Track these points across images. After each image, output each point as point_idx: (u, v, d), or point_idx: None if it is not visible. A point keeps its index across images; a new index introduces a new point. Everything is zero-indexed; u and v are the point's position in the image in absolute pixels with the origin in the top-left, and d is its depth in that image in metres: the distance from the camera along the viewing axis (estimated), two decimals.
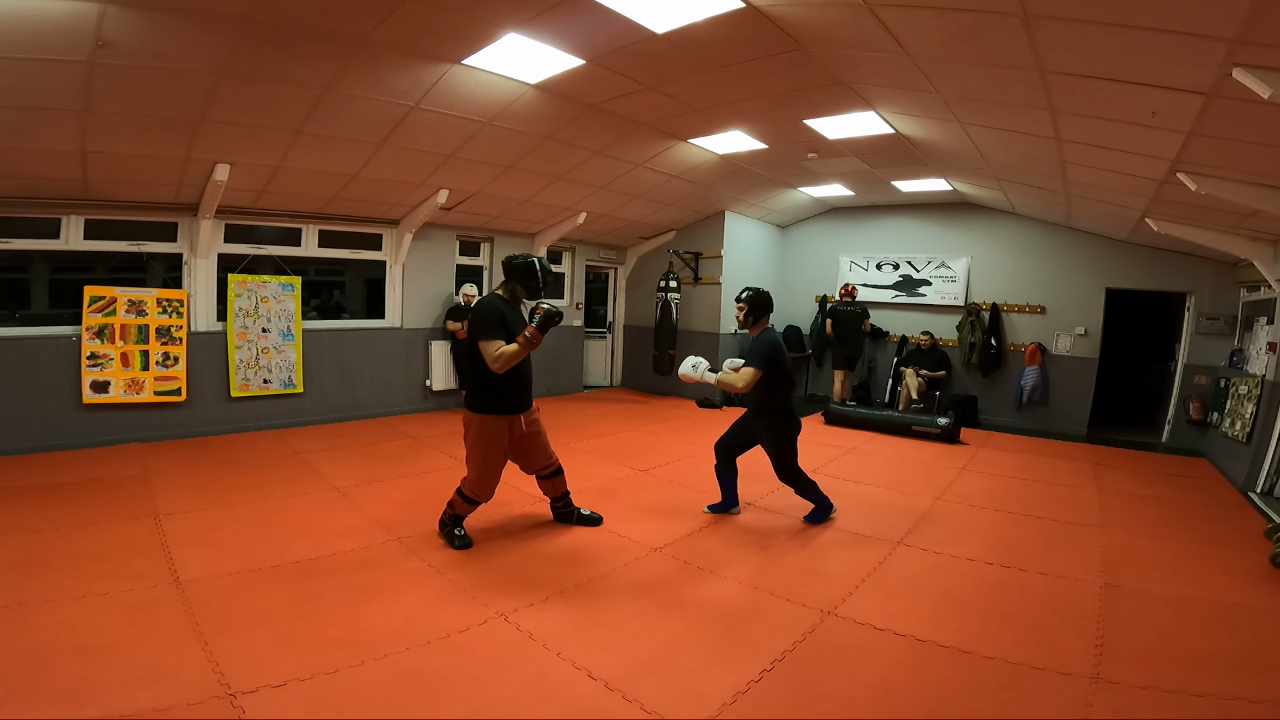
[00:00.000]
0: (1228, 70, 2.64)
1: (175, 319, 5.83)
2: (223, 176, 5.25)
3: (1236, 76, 2.63)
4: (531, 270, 3.61)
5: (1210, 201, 4.48)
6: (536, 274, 3.62)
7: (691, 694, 2.39)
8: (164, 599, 2.92)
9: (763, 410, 4.11)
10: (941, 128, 5.23)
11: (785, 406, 4.08)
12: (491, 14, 3.71)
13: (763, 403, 4.09)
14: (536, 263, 3.63)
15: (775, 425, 4.10)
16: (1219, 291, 7.28)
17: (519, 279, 3.62)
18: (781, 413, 4.08)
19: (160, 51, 3.71)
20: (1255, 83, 2.57)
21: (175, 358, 5.84)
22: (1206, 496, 5.35)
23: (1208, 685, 2.52)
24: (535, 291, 3.65)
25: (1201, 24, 2.43)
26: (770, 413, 4.09)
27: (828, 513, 4.37)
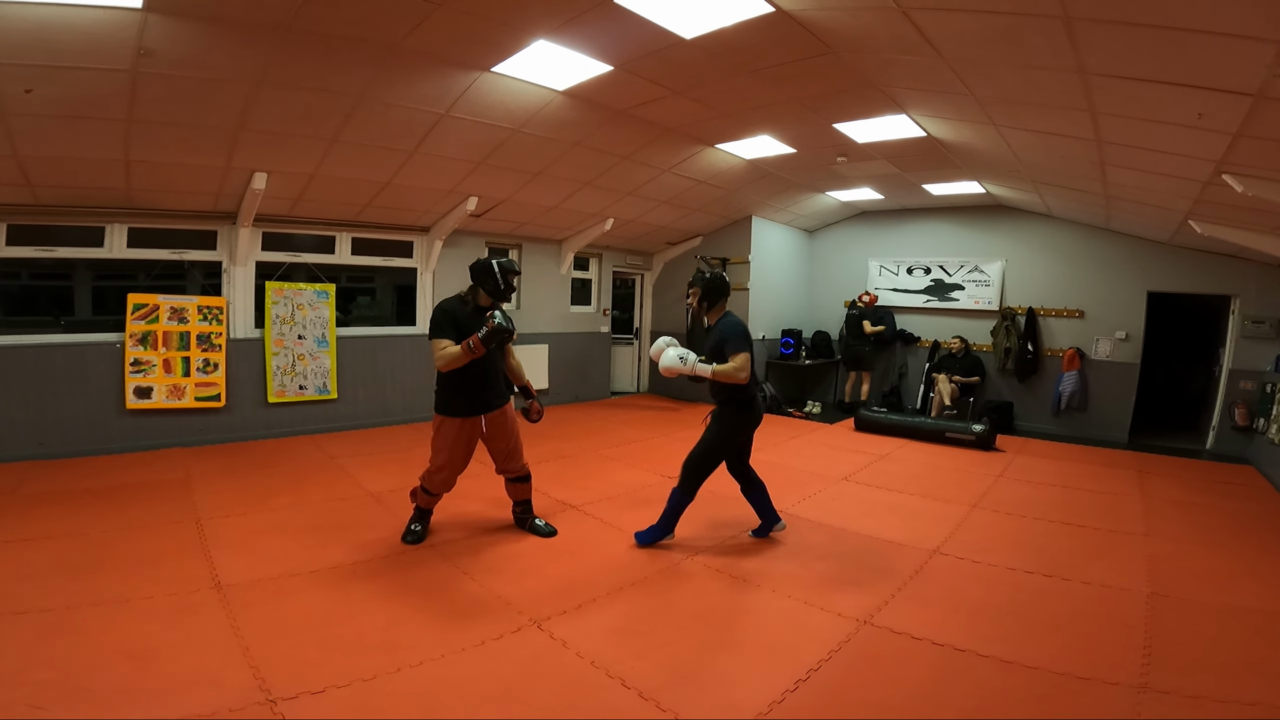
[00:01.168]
0: (1277, 71, 2.57)
1: (215, 326, 5.97)
2: (260, 185, 5.37)
3: None
4: (489, 272, 3.62)
5: (1257, 203, 4.34)
6: (494, 275, 3.61)
7: (726, 703, 2.37)
8: (206, 603, 2.97)
9: (724, 397, 3.74)
10: (975, 130, 5.15)
11: (748, 394, 3.72)
12: (521, 21, 3.74)
13: (721, 390, 3.72)
14: (494, 264, 3.63)
15: (728, 412, 3.72)
16: (1265, 294, 7.04)
17: (477, 280, 3.66)
18: (743, 400, 3.71)
19: (200, 61, 3.80)
20: None
21: (215, 364, 5.98)
22: (1254, 504, 5.18)
23: (1260, 694, 2.45)
24: (496, 293, 3.65)
25: (1249, 26, 2.37)
26: (730, 399, 3.72)
27: (660, 537, 3.87)
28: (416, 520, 3.90)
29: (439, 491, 3.82)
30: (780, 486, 5.24)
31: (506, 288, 3.67)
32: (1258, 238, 5.50)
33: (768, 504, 4.07)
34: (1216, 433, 7.46)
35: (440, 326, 3.53)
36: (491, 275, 3.63)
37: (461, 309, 3.62)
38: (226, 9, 3.44)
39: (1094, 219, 7.64)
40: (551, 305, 8.96)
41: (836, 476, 5.63)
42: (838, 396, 9.91)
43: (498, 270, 3.63)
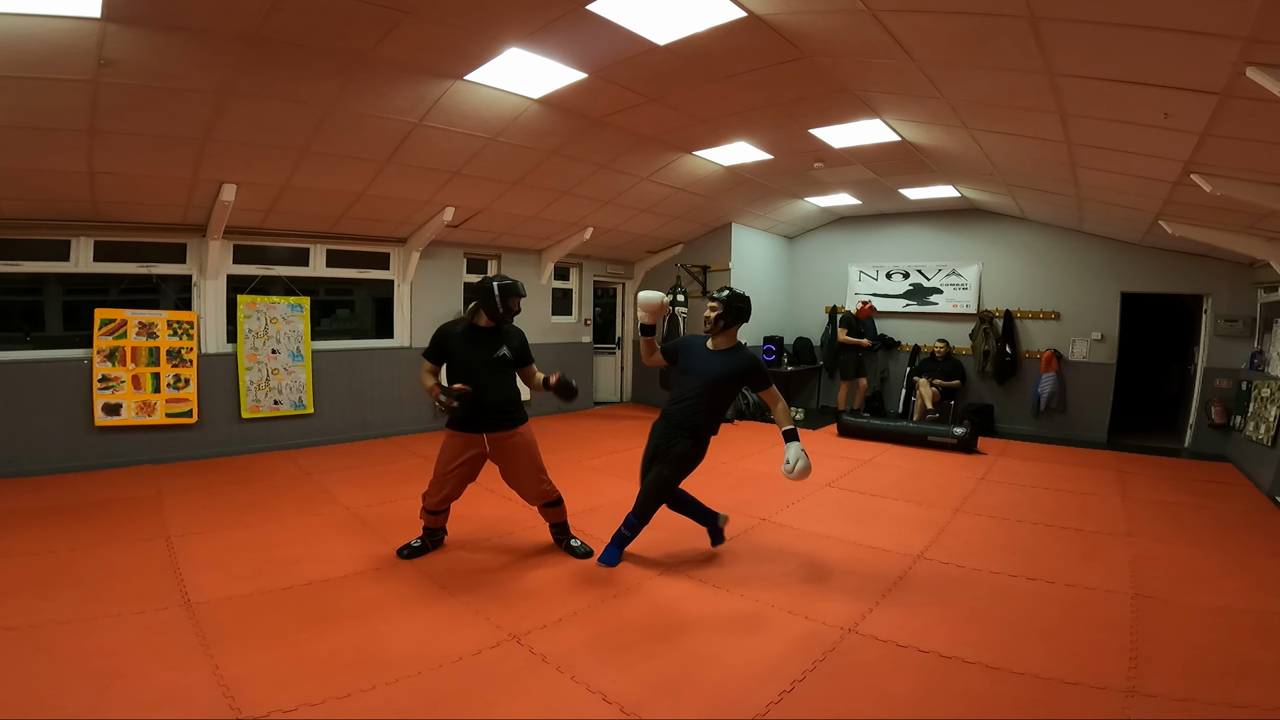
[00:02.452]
0: (1241, 70, 2.60)
1: (186, 341, 5.84)
2: (229, 196, 5.27)
3: (1250, 76, 2.58)
4: (488, 293, 3.56)
5: (1225, 202, 4.41)
6: (493, 297, 3.55)
7: (710, 716, 2.31)
8: (175, 621, 2.91)
9: (691, 427, 3.54)
10: (949, 134, 5.19)
11: (713, 428, 3.61)
12: (492, 29, 3.71)
13: (703, 420, 3.55)
14: (494, 286, 3.56)
15: (692, 443, 3.55)
16: (1236, 293, 7.17)
17: (479, 301, 3.62)
18: (704, 438, 3.59)
19: (164, 70, 3.72)
20: (1270, 81, 2.53)
21: (186, 379, 5.85)
22: (1234, 503, 5.22)
23: (1249, 696, 2.42)
24: (495, 315, 3.58)
25: (1213, 23, 2.39)
26: (697, 430, 3.55)
27: (607, 562, 3.68)
28: (423, 537, 3.81)
29: (431, 506, 3.73)
30: (764, 494, 5.21)
31: (505, 311, 3.59)
32: (1227, 237, 5.59)
33: (697, 505, 3.87)
34: (1194, 431, 7.56)
35: (429, 347, 3.69)
36: (490, 297, 3.55)
37: (452, 330, 3.64)
38: (189, 18, 3.37)
39: (1067, 221, 7.74)
40: (532, 316, 8.88)
41: (820, 483, 5.61)
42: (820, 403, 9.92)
43: (497, 292, 3.54)
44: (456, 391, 3.45)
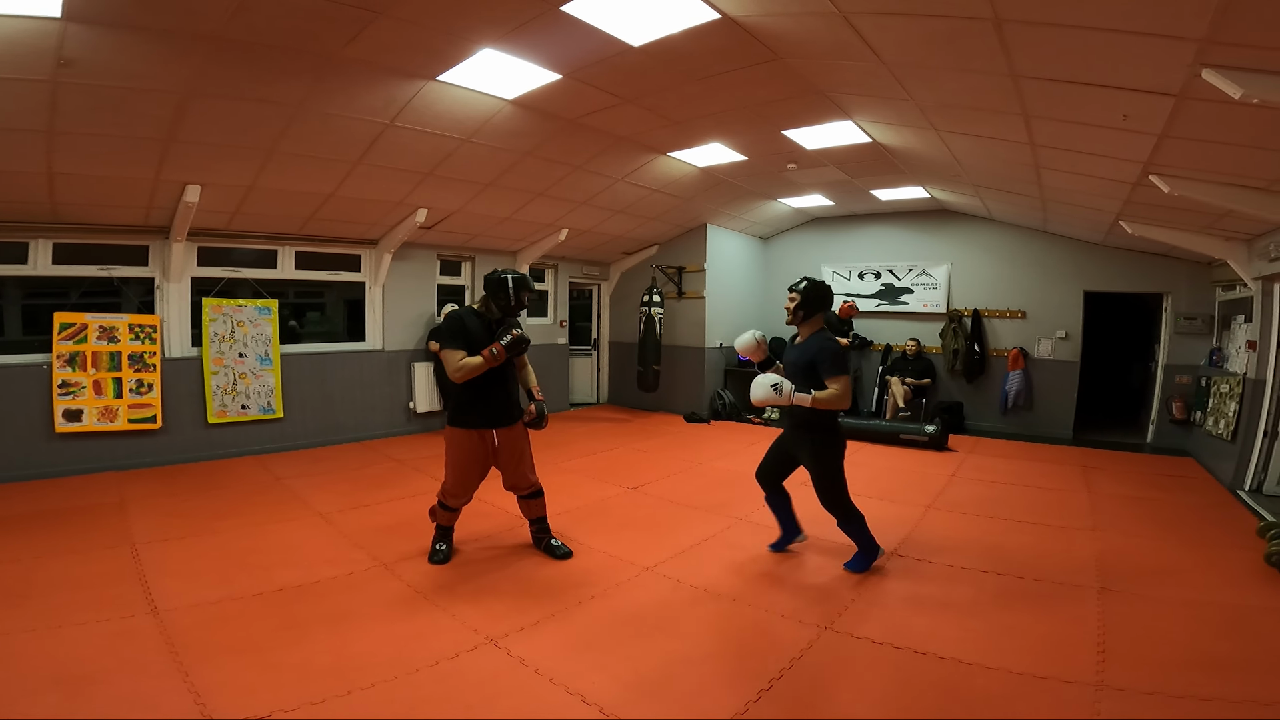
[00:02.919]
0: (1197, 71, 2.66)
1: (148, 345, 5.70)
2: (193, 198, 5.15)
3: (1206, 77, 2.64)
4: (502, 285, 3.56)
5: (1183, 203, 4.53)
6: (507, 290, 3.55)
7: (690, 716, 2.32)
8: (142, 629, 2.85)
9: (806, 423, 3.55)
10: (918, 135, 5.27)
11: (828, 422, 3.55)
12: (465, 30, 3.68)
13: (808, 414, 3.50)
14: (508, 279, 3.57)
15: (818, 440, 3.55)
16: (1195, 292, 7.39)
17: (490, 293, 3.60)
18: (828, 427, 3.55)
19: (126, 70, 3.64)
20: (1225, 83, 2.59)
21: (149, 384, 5.70)
22: (1195, 496, 5.37)
23: (1215, 689, 2.47)
24: (506, 308, 3.59)
25: (1169, 25, 2.44)
26: (815, 426, 3.54)
27: (873, 557, 3.67)
28: (440, 539, 3.81)
29: (458, 505, 3.75)
30: (740, 494, 5.24)
31: (517, 304, 3.59)
32: (1186, 237, 5.76)
33: (791, 516, 3.98)
34: (1156, 426, 7.77)
35: (454, 337, 3.47)
36: (504, 290, 3.56)
37: (474, 320, 3.57)
38: (153, 18, 3.30)
39: (1032, 222, 7.91)
40: None
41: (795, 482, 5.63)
42: None
43: (510, 285, 3.56)
44: (520, 338, 3.43)
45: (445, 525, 3.81)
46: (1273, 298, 5.32)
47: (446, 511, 3.76)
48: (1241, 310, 6.23)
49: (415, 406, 7.59)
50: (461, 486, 3.66)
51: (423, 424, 7.71)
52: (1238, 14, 2.18)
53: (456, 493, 3.68)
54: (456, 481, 3.65)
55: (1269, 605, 3.24)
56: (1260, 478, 5.26)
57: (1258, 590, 3.44)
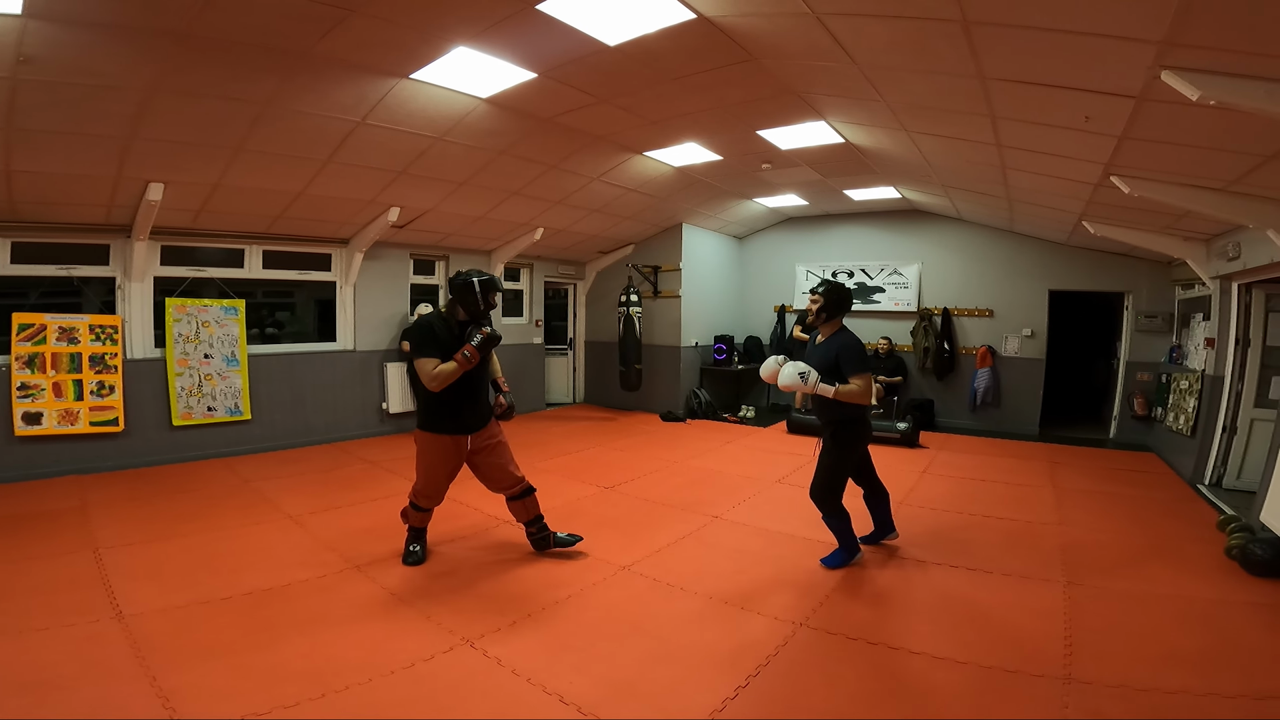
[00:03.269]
0: (1156, 73, 2.71)
1: (110, 346, 5.54)
2: (156, 196, 5.03)
3: (1165, 79, 2.69)
4: (469, 289, 3.45)
5: (1143, 203, 4.65)
6: (474, 293, 3.45)
7: (668, 715, 2.32)
8: (108, 634, 2.79)
9: (831, 419, 3.66)
10: (889, 136, 5.35)
11: (855, 413, 3.63)
12: (439, 28, 3.63)
13: (835, 410, 3.61)
14: (474, 282, 3.47)
15: (836, 433, 3.65)
16: (1155, 291, 7.61)
17: (456, 297, 3.50)
18: (849, 420, 3.63)
19: (88, 68, 3.54)
20: (1183, 85, 2.64)
21: (111, 386, 5.54)
22: (1157, 491, 5.52)
23: (1179, 682, 2.53)
24: (475, 312, 3.49)
25: (1131, 27, 2.48)
26: (838, 421, 3.64)
27: (851, 557, 3.74)
28: (413, 540, 3.78)
29: (429, 506, 3.71)
30: (716, 491, 5.27)
31: (486, 306, 3.50)
32: (1146, 237, 5.92)
33: (887, 513, 4.05)
34: (1118, 422, 7.98)
35: (425, 345, 3.38)
36: (471, 293, 3.46)
37: (442, 326, 3.47)
38: (116, 15, 3.21)
39: (999, 222, 8.07)
40: None
41: (771, 479, 5.70)
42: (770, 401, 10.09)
43: (478, 288, 3.46)
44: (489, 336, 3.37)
45: (418, 526, 3.78)
46: (1230, 296, 5.50)
47: (418, 512, 3.73)
48: (1200, 308, 6.43)
49: (388, 407, 7.50)
50: (432, 488, 3.63)
51: (396, 425, 7.61)
52: (1196, 16, 2.24)
53: (428, 494, 3.65)
54: (427, 483, 3.62)
55: (1229, 598, 3.34)
56: (1219, 472, 5.44)
57: (1218, 583, 3.54)
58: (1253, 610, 3.20)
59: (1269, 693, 2.45)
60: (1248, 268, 4.89)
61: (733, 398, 10.11)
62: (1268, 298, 5.20)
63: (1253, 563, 3.65)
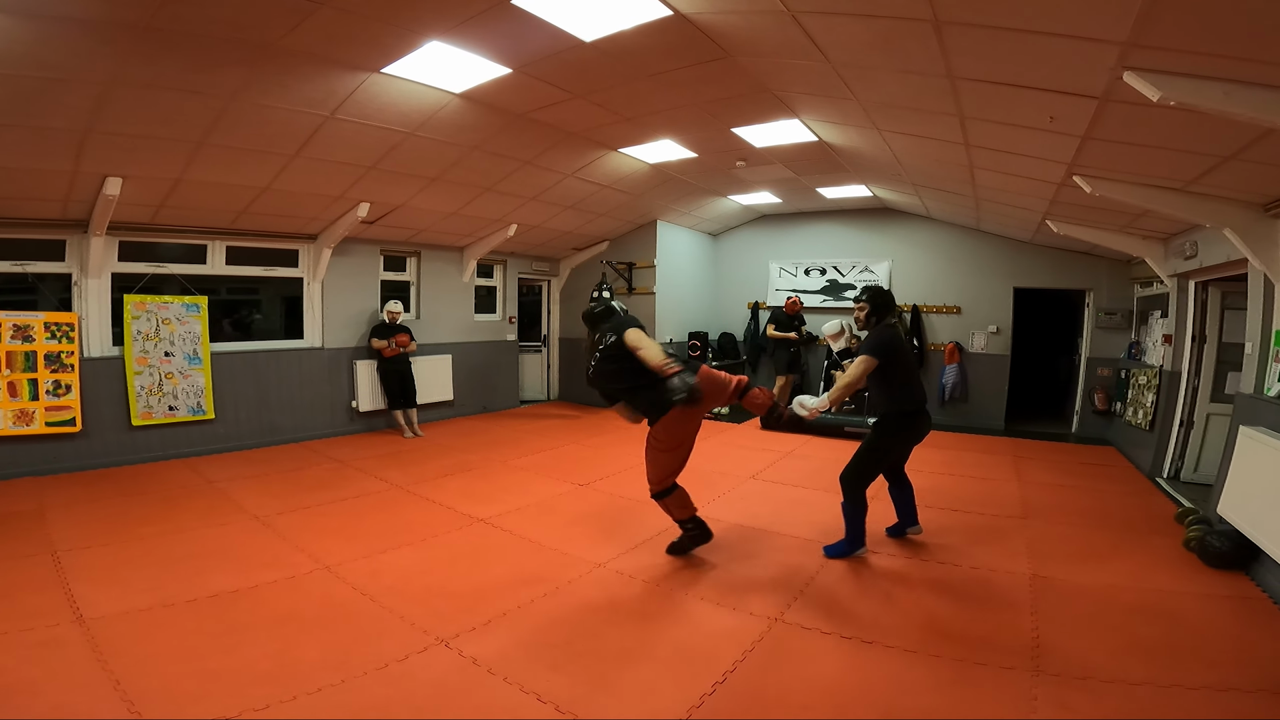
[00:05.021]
0: (1119, 74, 2.77)
1: (66, 344, 5.35)
2: (114, 190, 4.86)
3: (1127, 80, 2.75)
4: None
5: (1104, 203, 4.78)
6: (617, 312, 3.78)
7: (645, 712, 2.32)
8: (68, 637, 2.71)
9: (883, 408, 3.82)
10: (861, 135, 5.41)
11: (899, 407, 3.75)
12: (411, 21, 3.57)
13: (884, 398, 3.79)
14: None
15: (880, 423, 3.81)
16: (1115, 288, 7.83)
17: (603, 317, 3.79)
18: (894, 413, 3.76)
19: (42, 60, 3.40)
20: (1145, 86, 2.70)
21: (68, 385, 5.36)
22: (1117, 484, 5.67)
23: (1144, 674, 2.59)
24: None
25: (1095, 28, 2.53)
26: (888, 409, 3.78)
27: (855, 549, 3.81)
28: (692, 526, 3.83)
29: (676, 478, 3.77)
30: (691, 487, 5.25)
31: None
32: (1107, 236, 6.09)
33: (911, 506, 4.12)
34: (1080, 417, 8.19)
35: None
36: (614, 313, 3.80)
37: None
38: (74, 8, 3.09)
39: (967, 220, 8.23)
40: (454, 314, 8.68)
41: (744, 475, 5.74)
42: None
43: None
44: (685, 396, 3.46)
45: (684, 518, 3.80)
46: (1187, 294, 5.67)
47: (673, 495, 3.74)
48: (1158, 306, 6.63)
49: (358, 406, 7.37)
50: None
51: (366, 423, 7.49)
52: (1159, 18, 2.29)
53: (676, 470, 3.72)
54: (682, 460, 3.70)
55: (1188, 590, 3.44)
56: (1177, 465, 5.61)
57: (1177, 575, 3.64)
58: (1211, 602, 3.29)
59: (1231, 684, 2.51)
60: (1204, 266, 5.05)
61: None
62: (1224, 295, 5.36)
63: (1210, 555, 3.75)
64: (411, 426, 7.35)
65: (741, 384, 3.81)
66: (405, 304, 7.80)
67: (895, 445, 3.84)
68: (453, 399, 8.45)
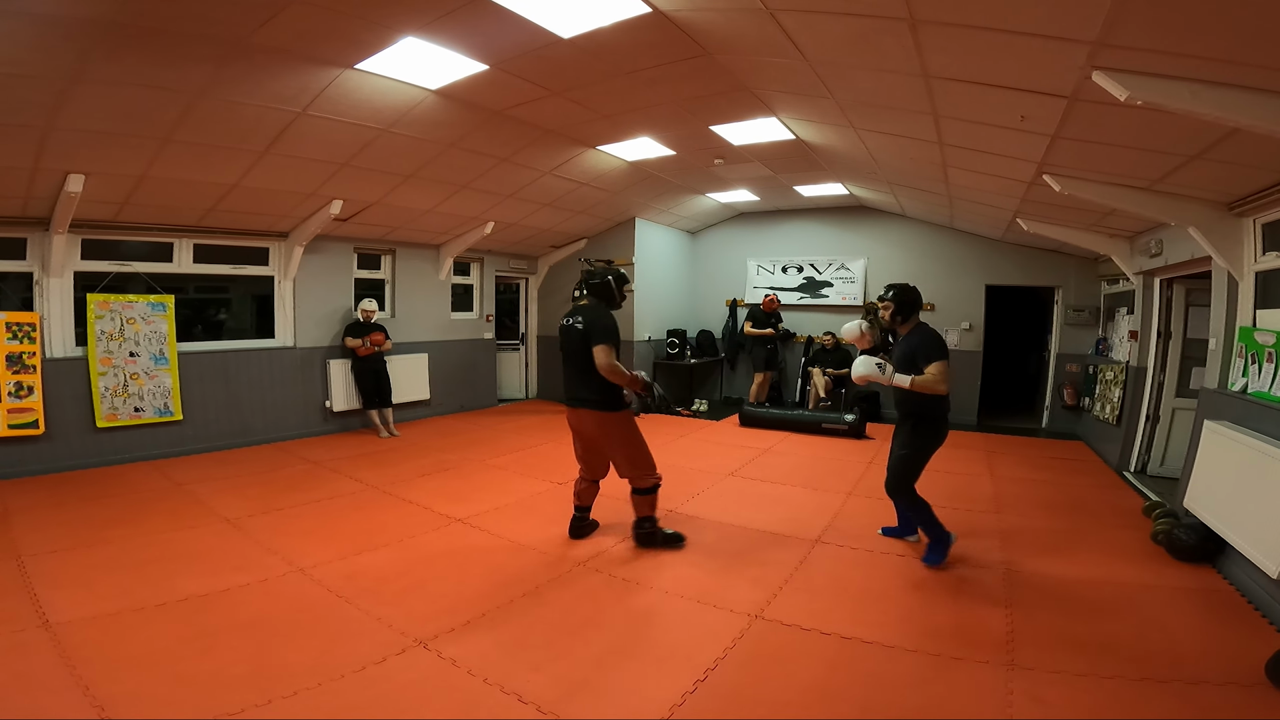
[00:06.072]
0: (1088, 73, 2.82)
1: (27, 345, 5.18)
2: (76, 188, 4.72)
3: (1096, 79, 2.79)
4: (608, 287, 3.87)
5: (1073, 201, 4.87)
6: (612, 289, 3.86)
7: (627, 711, 2.32)
8: (34, 643, 2.65)
9: (913, 412, 3.71)
10: (838, 133, 5.45)
11: (940, 410, 3.68)
12: (386, 17, 3.51)
13: (915, 404, 3.69)
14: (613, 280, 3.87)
15: (920, 428, 3.71)
16: (1083, 285, 8.00)
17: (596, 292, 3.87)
18: (930, 416, 3.69)
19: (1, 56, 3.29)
20: (1113, 85, 2.75)
21: (30, 387, 5.19)
22: (1086, 478, 5.79)
23: (1115, 668, 2.63)
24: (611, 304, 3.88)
25: (1065, 28, 2.57)
26: (921, 416, 3.70)
27: (947, 545, 3.70)
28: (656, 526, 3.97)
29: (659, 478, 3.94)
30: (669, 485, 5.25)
31: (621, 298, 3.91)
32: (1075, 234, 6.22)
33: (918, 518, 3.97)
34: (1050, 412, 8.36)
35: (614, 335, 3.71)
36: (611, 290, 3.86)
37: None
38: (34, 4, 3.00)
39: (941, 219, 8.35)
40: (430, 313, 8.59)
41: (723, 472, 5.76)
42: (723, 395, 10.19)
43: (615, 284, 3.87)
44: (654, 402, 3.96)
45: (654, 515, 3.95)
46: (1153, 291, 5.81)
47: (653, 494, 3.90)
48: (1124, 303, 6.78)
49: (332, 405, 7.26)
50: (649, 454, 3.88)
51: (341, 424, 7.38)
52: (1127, 18, 2.34)
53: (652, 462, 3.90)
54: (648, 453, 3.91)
55: (1157, 583, 3.51)
56: (1144, 459, 5.74)
57: (1146, 568, 3.72)
58: (1179, 595, 3.36)
59: (1200, 677, 2.56)
60: (1169, 263, 5.18)
61: (685, 392, 10.16)
62: (1188, 292, 5.50)
63: (1178, 548, 3.84)
64: (387, 426, 7.26)
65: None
66: (380, 302, 7.69)
67: (932, 448, 3.76)
68: (429, 398, 8.37)
